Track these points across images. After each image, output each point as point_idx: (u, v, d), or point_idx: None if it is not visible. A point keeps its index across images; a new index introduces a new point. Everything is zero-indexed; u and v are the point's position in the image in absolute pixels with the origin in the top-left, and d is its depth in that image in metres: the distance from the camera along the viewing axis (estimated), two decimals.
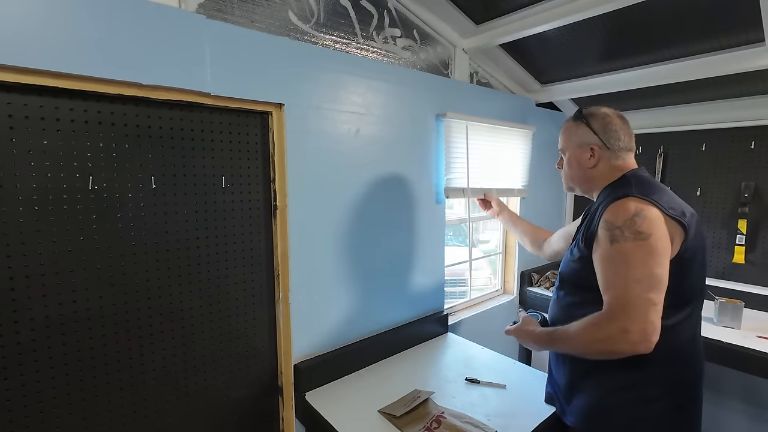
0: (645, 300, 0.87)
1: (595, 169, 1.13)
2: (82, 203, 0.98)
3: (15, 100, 0.88)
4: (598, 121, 1.12)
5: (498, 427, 1.19)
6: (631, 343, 0.87)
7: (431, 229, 1.84)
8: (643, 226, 0.91)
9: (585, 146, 1.14)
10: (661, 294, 0.89)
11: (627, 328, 0.87)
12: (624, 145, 1.11)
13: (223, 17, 1.22)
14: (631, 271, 0.90)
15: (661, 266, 0.90)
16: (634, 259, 0.90)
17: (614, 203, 0.98)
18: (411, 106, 1.67)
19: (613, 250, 0.94)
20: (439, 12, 1.79)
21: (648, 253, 0.90)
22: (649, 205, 0.94)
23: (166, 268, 1.12)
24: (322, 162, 1.41)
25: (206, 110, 1.16)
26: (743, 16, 1.47)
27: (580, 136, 1.15)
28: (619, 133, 1.10)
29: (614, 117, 1.12)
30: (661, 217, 0.93)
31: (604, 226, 0.97)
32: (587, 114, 1.15)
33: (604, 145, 1.11)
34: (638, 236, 0.91)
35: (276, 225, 1.32)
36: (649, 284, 0.88)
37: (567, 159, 1.21)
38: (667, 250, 0.91)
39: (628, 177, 1.08)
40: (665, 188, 1.05)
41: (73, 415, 1.00)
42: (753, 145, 2.09)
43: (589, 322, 0.96)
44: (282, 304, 1.35)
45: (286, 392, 1.39)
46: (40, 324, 0.94)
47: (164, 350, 1.14)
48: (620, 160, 1.11)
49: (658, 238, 0.90)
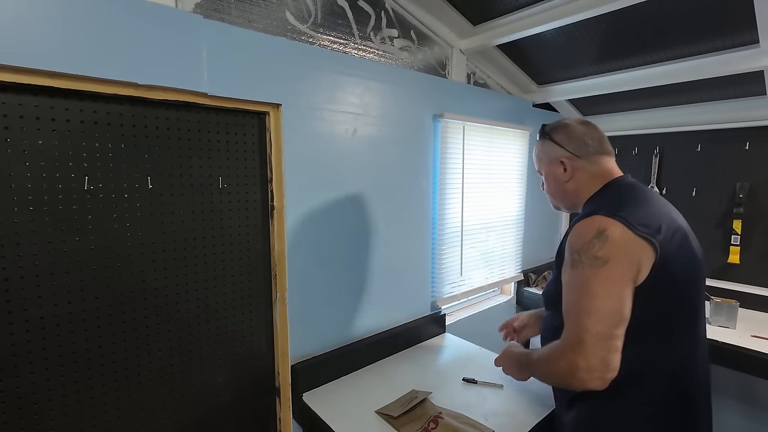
0: (596, 335, 0.80)
1: (573, 181, 1.08)
2: (77, 204, 0.97)
3: (9, 99, 0.87)
4: (560, 132, 1.10)
5: (495, 427, 1.19)
6: (580, 380, 0.81)
7: (429, 230, 1.84)
8: (601, 250, 0.83)
9: (555, 161, 1.10)
10: (618, 327, 0.82)
11: (576, 364, 0.81)
12: (594, 149, 1.06)
13: (220, 17, 1.22)
14: (584, 301, 0.83)
15: (617, 296, 0.82)
16: (589, 287, 0.83)
17: (579, 223, 0.91)
18: (408, 106, 1.68)
19: (571, 276, 0.88)
20: (437, 13, 1.79)
21: (603, 281, 0.82)
22: (614, 224, 0.85)
23: (163, 269, 1.12)
24: (319, 162, 1.41)
25: (203, 110, 1.15)
26: (738, 18, 1.48)
27: (548, 152, 1.13)
28: (584, 138, 1.06)
29: (576, 125, 1.09)
30: (628, 237, 0.84)
31: (567, 248, 0.91)
32: (549, 130, 1.13)
33: (573, 155, 1.07)
34: (594, 262, 0.83)
35: (273, 225, 1.32)
36: (602, 317, 0.81)
37: (545, 178, 1.18)
38: (627, 278, 0.83)
39: (607, 187, 1.02)
40: (649, 197, 0.96)
41: (68, 417, 1.00)
42: (748, 145, 2.10)
43: (546, 353, 0.92)
44: (279, 304, 1.35)
45: (283, 393, 1.38)
46: (35, 325, 0.94)
47: (160, 351, 1.13)
48: (597, 166, 1.05)
49: (616, 265, 0.82)
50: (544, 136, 1.14)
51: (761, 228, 2.09)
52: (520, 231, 2.41)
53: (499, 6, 1.68)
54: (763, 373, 1.66)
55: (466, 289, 2.07)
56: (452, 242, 1.95)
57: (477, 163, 2.02)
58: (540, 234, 2.67)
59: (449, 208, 1.91)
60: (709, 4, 1.45)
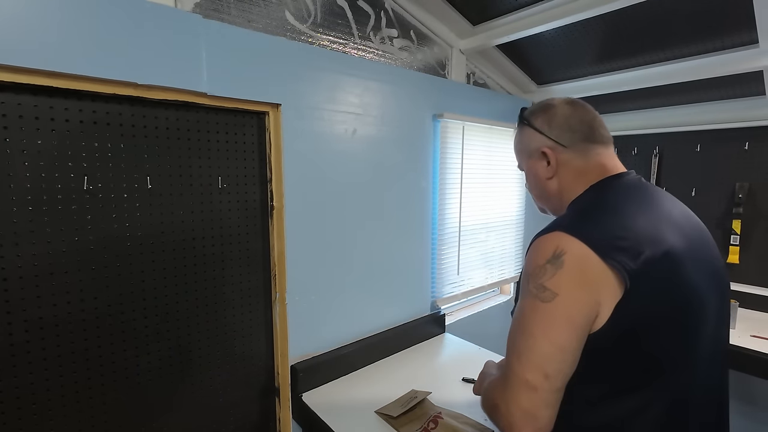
0: (523, 383, 0.65)
1: (557, 178, 0.85)
2: (76, 204, 0.97)
3: (9, 99, 0.87)
4: (540, 115, 0.87)
5: (495, 427, 1.19)
6: (501, 427, 0.69)
7: (428, 230, 1.84)
8: (551, 280, 0.66)
9: (536, 153, 0.87)
10: (551, 379, 0.64)
11: (499, 409, 0.68)
12: (582, 136, 0.82)
13: (220, 17, 1.21)
14: (518, 339, 0.68)
15: (556, 343, 0.65)
16: (526, 324, 0.68)
17: (536, 239, 0.73)
18: (408, 106, 1.68)
19: (518, 305, 0.73)
20: (436, 12, 1.79)
21: (543, 320, 0.66)
22: (576, 245, 0.66)
23: (162, 269, 1.12)
24: (319, 162, 1.41)
25: (202, 110, 1.15)
26: (737, 18, 1.48)
27: (526, 142, 0.89)
28: (569, 122, 0.83)
29: (561, 105, 0.86)
30: (591, 265, 0.65)
31: (523, 270, 0.75)
32: (528, 114, 0.90)
33: (556, 143, 0.83)
34: (540, 294, 0.67)
35: (272, 225, 1.32)
36: (532, 364, 0.65)
37: (526, 176, 0.95)
38: (575, 321, 0.65)
39: (594, 188, 0.80)
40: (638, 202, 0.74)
41: (67, 417, 1.00)
42: (747, 146, 2.10)
43: (488, 385, 0.79)
44: (279, 304, 1.35)
45: (282, 393, 1.38)
46: (34, 325, 0.94)
47: (160, 351, 1.13)
48: (585, 158, 0.82)
49: (565, 302, 0.65)
50: (521, 122, 0.91)
51: (761, 228, 2.09)
52: (519, 231, 2.42)
53: (498, 6, 1.68)
54: (762, 373, 1.67)
55: (465, 289, 2.07)
56: (452, 242, 1.95)
57: (476, 163, 2.02)
58: None
59: (449, 208, 1.91)
60: (709, 4, 1.45)
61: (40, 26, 0.86)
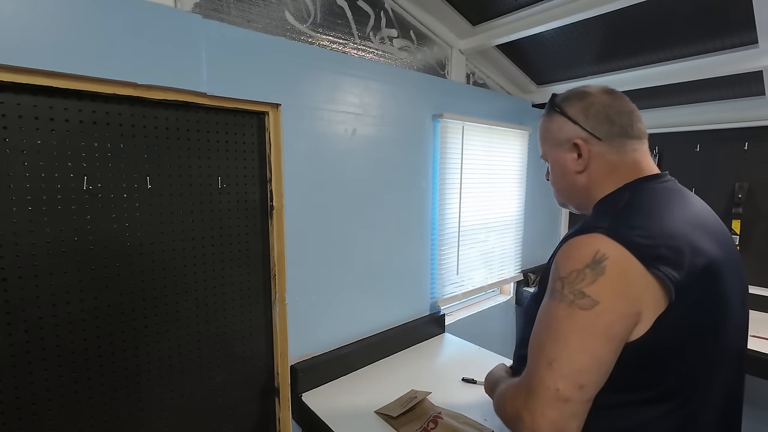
0: (553, 393, 0.61)
1: (587, 173, 0.79)
2: (76, 204, 0.97)
3: (8, 99, 0.87)
4: (575, 103, 0.80)
5: (495, 427, 1.19)
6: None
7: (427, 231, 1.84)
8: (591, 286, 0.61)
9: (566, 143, 0.81)
10: (584, 390, 0.61)
11: (521, 415, 0.64)
12: (621, 130, 0.76)
13: (219, 17, 1.21)
14: (550, 347, 0.64)
15: (591, 352, 0.61)
16: (561, 331, 0.63)
17: (572, 239, 0.68)
18: (408, 106, 1.68)
19: (545, 307, 0.68)
20: (436, 13, 1.79)
21: (582, 329, 0.61)
22: (619, 251, 0.62)
23: (162, 269, 1.12)
24: (319, 162, 1.40)
25: (202, 110, 1.15)
26: (736, 19, 1.48)
27: (556, 131, 0.82)
28: (608, 113, 0.77)
29: (599, 93, 0.79)
30: (634, 273, 0.61)
31: (552, 269, 0.70)
32: (560, 100, 0.83)
33: (591, 135, 0.77)
34: (578, 300, 0.62)
35: (272, 225, 1.32)
36: (566, 373, 0.61)
37: (550, 166, 0.88)
38: (612, 331, 0.61)
39: (629, 187, 0.74)
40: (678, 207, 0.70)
41: (66, 417, 0.99)
42: (746, 146, 2.10)
43: (504, 390, 0.74)
44: (278, 304, 1.35)
45: (282, 393, 1.38)
46: (34, 325, 0.93)
47: (160, 351, 1.13)
48: (621, 154, 0.76)
49: (605, 312, 0.61)
50: (552, 109, 0.84)
51: (760, 228, 2.10)
52: (519, 231, 2.42)
53: (498, 6, 1.68)
54: (763, 373, 1.67)
55: (465, 289, 2.07)
56: (452, 242, 1.95)
57: (476, 163, 2.02)
58: (539, 234, 2.67)
59: (449, 208, 1.91)
60: (709, 4, 1.45)
61: (40, 26, 0.86)
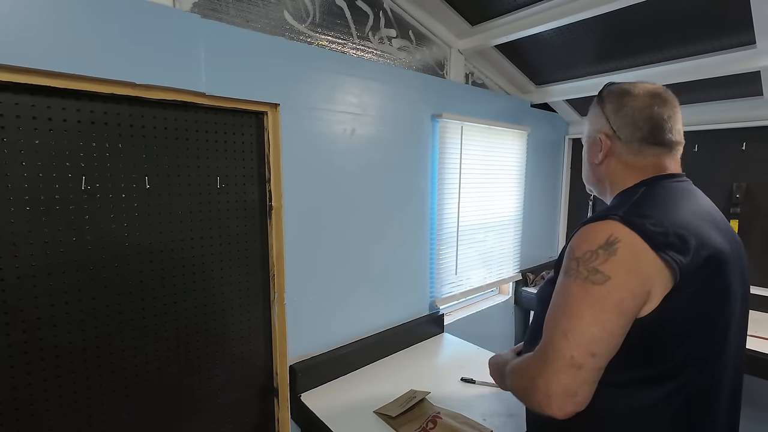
0: (568, 360, 0.66)
1: (603, 166, 0.86)
2: (74, 203, 0.97)
3: (6, 99, 0.87)
4: (614, 99, 0.84)
5: (494, 427, 1.19)
6: (538, 403, 0.69)
7: (426, 230, 1.84)
8: (604, 264, 0.67)
9: (594, 134, 0.87)
10: (597, 358, 0.67)
11: (536, 385, 0.69)
12: (643, 135, 0.80)
13: (218, 17, 1.21)
14: (565, 320, 0.69)
15: (605, 327, 0.66)
16: (575, 305, 0.69)
17: (588, 225, 0.74)
18: (406, 106, 1.68)
19: (561, 285, 0.74)
20: (435, 13, 1.79)
21: (595, 302, 0.67)
22: (630, 235, 0.68)
23: (160, 269, 1.12)
24: (318, 162, 1.40)
25: (201, 110, 1.15)
26: (734, 19, 1.49)
27: (592, 120, 0.89)
28: (635, 117, 0.80)
29: (639, 95, 0.81)
30: (644, 256, 0.67)
31: (567, 251, 0.76)
32: (606, 92, 0.87)
33: (614, 133, 0.82)
34: (592, 276, 0.68)
35: (271, 225, 1.32)
36: (580, 342, 0.67)
37: (584, 150, 0.95)
38: (622, 305, 0.66)
39: (644, 184, 0.80)
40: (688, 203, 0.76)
41: (65, 418, 0.99)
42: (744, 146, 2.11)
43: (517, 364, 0.79)
44: (277, 304, 1.35)
45: (281, 393, 1.38)
46: (32, 325, 0.93)
47: (158, 351, 1.13)
48: (639, 158, 0.81)
49: (616, 287, 0.66)
50: (599, 98, 0.89)
51: (758, 228, 2.10)
52: (518, 231, 2.42)
53: (497, 6, 1.68)
54: (763, 373, 1.67)
55: (464, 289, 2.07)
56: (451, 242, 1.95)
57: (475, 163, 2.02)
58: (538, 234, 2.68)
59: (448, 208, 1.91)
60: (706, 4, 1.45)
61: (38, 26, 0.86)
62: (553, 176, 2.77)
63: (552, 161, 2.73)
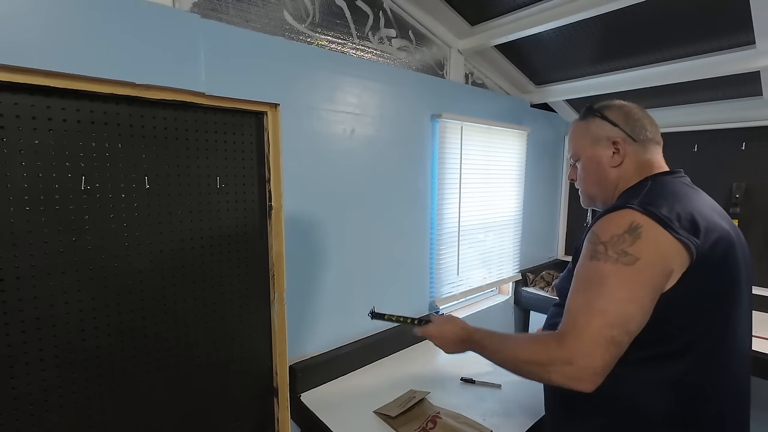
0: (605, 336, 0.71)
1: (621, 167, 0.94)
2: (74, 203, 0.97)
3: (5, 99, 0.87)
4: (615, 110, 0.96)
5: (493, 427, 1.19)
6: (569, 377, 0.72)
7: (426, 230, 1.84)
8: (632, 246, 0.74)
9: (605, 141, 0.95)
10: (628, 334, 0.72)
11: (573, 360, 0.72)
12: (651, 136, 0.94)
13: (218, 16, 1.21)
14: (599, 299, 0.73)
15: (638, 301, 0.72)
16: (609, 285, 0.73)
17: (608, 215, 0.81)
18: (406, 106, 1.68)
19: (588, 268, 0.78)
20: (435, 13, 1.79)
21: (627, 281, 0.73)
22: (649, 222, 0.75)
23: (160, 269, 1.11)
24: (318, 162, 1.40)
25: (200, 110, 1.15)
26: (734, 19, 1.49)
27: (596, 132, 0.97)
28: (643, 122, 0.94)
29: (633, 107, 0.97)
30: (663, 239, 0.74)
31: (590, 238, 0.81)
32: (600, 107, 0.99)
33: (629, 137, 0.93)
34: (622, 258, 0.74)
35: (271, 225, 1.32)
36: (616, 319, 0.71)
37: (582, 164, 1.01)
38: (653, 282, 0.73)
39: (647, 180, 0.89)
40: (695, 197, 0.85)
41: (64, 418, 0.99)
42: (744, 146, 2.11)
43: (534, 339, 0.83)
44: (277, 304, 1.35)
45: (281, 393, 1.38)
46: (31, 325, 0.93)
47: (158, 351, 1.13)
48: (648, 155, 0.93)
49: (646, 266, 0.73)
50: (592, 114, 0.99)
51: (758, 228, 2.10)
52: (518, 231, 2.42)
53: (497, 6, 1.68)
54: (763, 373, 1.67)
55: (464, 289, 2.07)
56: (451, 242, 1.95)
57: (475, 163, 2.02)
58: (538, 234, 2.68)
59: (447, 208, 1.91)
60: (706, 5, 1.46)
61: (37, 25, 0.86)
62: (553, 176, 2.77)
63: (552, 161, 2.74)
